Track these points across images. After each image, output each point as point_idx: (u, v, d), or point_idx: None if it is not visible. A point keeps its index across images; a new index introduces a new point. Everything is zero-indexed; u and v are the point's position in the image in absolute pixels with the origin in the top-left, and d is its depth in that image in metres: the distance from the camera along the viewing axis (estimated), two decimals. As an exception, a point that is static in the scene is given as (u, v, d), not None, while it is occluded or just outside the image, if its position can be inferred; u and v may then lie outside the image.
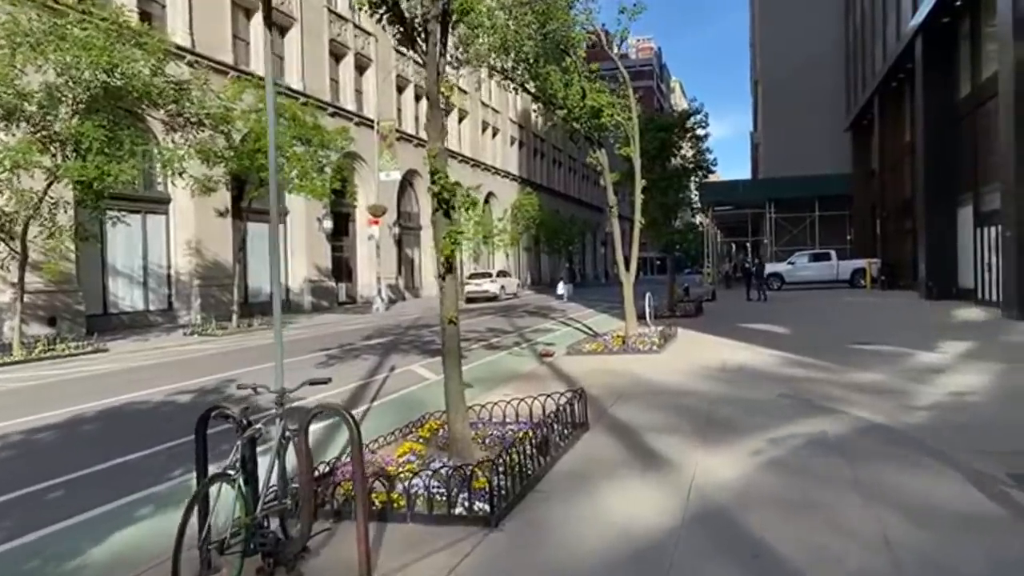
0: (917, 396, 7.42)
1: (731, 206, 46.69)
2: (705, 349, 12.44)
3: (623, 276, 13.41)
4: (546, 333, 17.31)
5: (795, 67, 44.95)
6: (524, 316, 23.20)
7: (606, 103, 12.40)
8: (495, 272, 35.56)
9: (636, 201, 13.38)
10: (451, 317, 5.74)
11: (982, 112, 19.68)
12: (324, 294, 30.97)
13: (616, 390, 8.64)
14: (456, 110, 45.16)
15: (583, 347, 12.92)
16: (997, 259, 18.18)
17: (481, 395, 8.76)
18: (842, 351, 11.34)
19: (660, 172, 20.19)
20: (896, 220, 30.45)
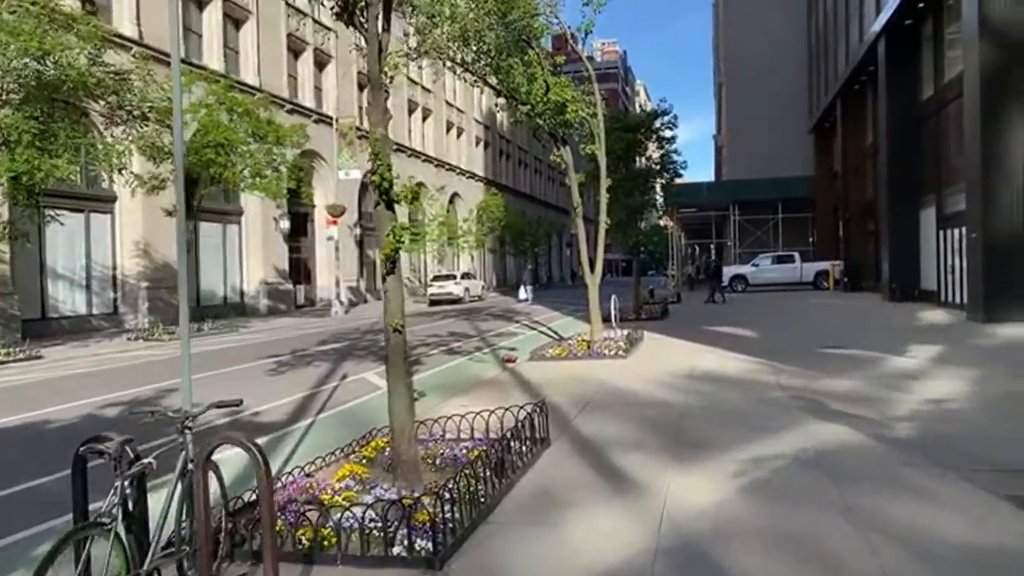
0: (896, 405, 7.02)
1: (695, 208, 46.74)
2: (672, 354, 12.00)
3: (588, 278, 12.91)
4: (510, 337, 16.75)
5: (758, 70, 45.21)
6: (488, 319, 22.61)
7: (570, 98, 11.88)
8: (459, 274, 34.87)
9: (601, 201, 12.89)
10: (396, 324, 5.13)
11: (944, 114, 19.69)
12: (281, 297, 29.97)
13: (581, 399, 8.10)
14: (420, 109, 44.41)
15: (547, 352, 12.38)
16: (960, 261, 18.16)
17: (437, 406, 8.15)
18: (812, 355, 10.99)
19: (625, 173, 19.82)
20: (858, 222, 30.61)
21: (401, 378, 5.17)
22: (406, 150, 41.60)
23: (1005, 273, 14.49)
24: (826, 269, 33.75)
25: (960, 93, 17.83)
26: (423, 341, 15.92)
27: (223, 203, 27.62)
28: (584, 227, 13.75)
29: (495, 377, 10.37)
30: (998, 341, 12.11)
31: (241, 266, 28.87)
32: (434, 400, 8.72)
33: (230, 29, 28.80)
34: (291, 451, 6.68)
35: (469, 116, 52.47)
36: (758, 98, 45.32)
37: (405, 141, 41.77)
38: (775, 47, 44.36)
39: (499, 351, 13.85)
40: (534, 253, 63.66)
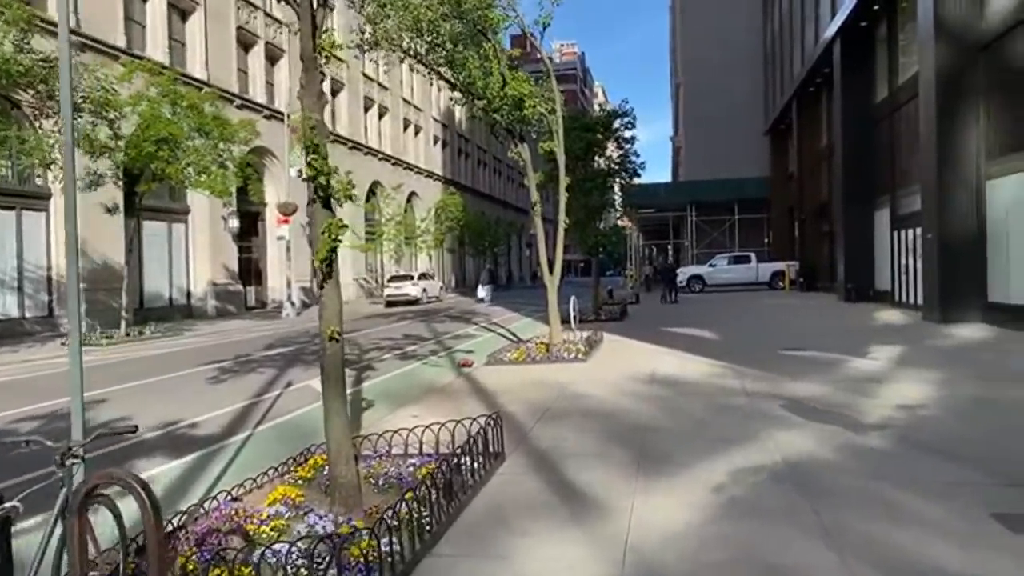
0: (866, 411, 6.76)
1: (653, 209, 46.87)
2: (632, 356, 11.68)
3: (547, 279, 12.51)
4: (467, 339, 16.26)
5: (715, 72, 45.57)
6: (445, 321, 22.08)
7: (528, 93, 11.46)
8: (416, 275, 34.21)
9: (560, 200, 12.50)
10: (332, 331, 4.62)
11: (899, 116, 19.88)
12: (230, 298, 28.92)
13: (538, 407, 7.67)
14: (376, 106, 43.55)
15: (505, 355, 11.94)
16: (915, 262, 18.31)
17: (385, 417, 7.64)
18: (774, 358, 10.78)
19: (585, 173, 19.52)
20: (813, 223, 30.94)
21: (338, 393, 4.66)
22: (362, 148, 40.75)
23: (960, 274, 14.57)
24: (782, 269, 34.05)
25: (914, 95, 17.97)
26: (376, 345, 15.33)
27: (168, 201, 26.52)
28: (544, 227, 13.38)
29: (450, 383, 9.88)
30: (956, 342, 12.09)
31: (188, 266, 27.75)
32: (383, 410, 8.20)
33: (175, 20, 27.67)
34: (222, 469, 6.10)
35: (427, 114, 51.76)
36: (715, 100, 45.67)
37: (361, 139, 40.93)
38: (732, 49, 44.75)
39: (455, 355, 13.37)
40: (494, 253, 63.20)
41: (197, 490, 5.50)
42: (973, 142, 14.53)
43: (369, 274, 41.77)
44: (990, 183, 14.27)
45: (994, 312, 14.03)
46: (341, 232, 4.54)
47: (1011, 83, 13.68)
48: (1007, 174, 13.72)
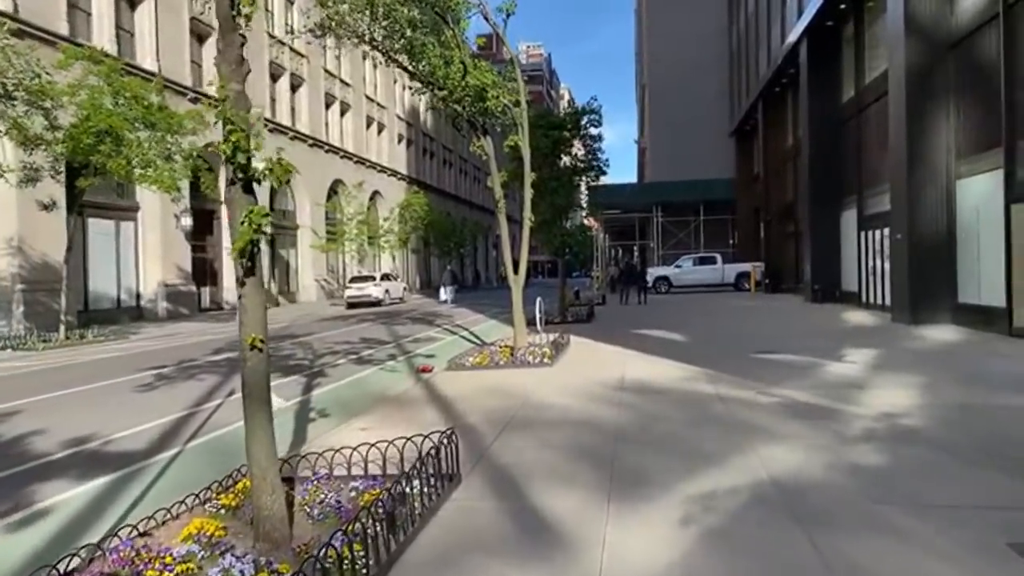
0: (850, 422, 6.30)
1: (619, 210, 46.65)
2: (600, 360, 11.14)
3: (512, 280, 11.92)
4: (428, 343, 15.58)
5: (681, 73, 45.53)
6: (407, 323, 21.34)
7: (491, 83, 10.86)
8: (379, 275, 33.33)
9: (525, 197, 11.93)
10: (254, 339, 3.95)
11: (866, 116, 19.75)
12: (183, 300, 27.74)
13: (500, 418, 7.06)
14: (338, 103, 42.51)
15: (467, 360, 11.29)
16: (882, 263, 18.17)
17: (332, 430, 6.96)
18: (747, 362, 10.34)
19: (551, 171, 18.99)
20: (779, 224, 30.91)
21: (261, 411, 3.99)
22: (323, 145, 39.72)
23: (929, 275, 14.37)
24: (747, 271, 34.02)
25: (882, 94, 17.82)
26: (331, 349, 14.56)
27: (116, 198, 25.32)
28: (510, 227, 12.79)
29: (406, 391, 9.21)
30: (929, 344, 11.81)
31: (137, 266, 26.54)
32: (330, 422, 7.51)
33: (124, 9, 26.44)
34: (139, 495, 5.37)
35: (391, 112, 50.83)
36: (681, 101, 45.63)
37: (322, 136, 39.88)
38: (697, 51, 44.75)
39: (415, 359, 12.70)
40: (460, 254, 62.43)
41: (103, 522, 4.76)
42: (943, 141, 14.34)
43: (331, 275, 40.73)
44: (960, 182, 14.09)
45: (964, 313, 13.84)
46: (263, 221, 3.88)
47: (981, 81, 13.51)
48: (976, 173, 13.54)
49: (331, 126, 41.89)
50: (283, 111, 36.29)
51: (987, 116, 13.32)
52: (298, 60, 37.67)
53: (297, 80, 37.77)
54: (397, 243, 43.17)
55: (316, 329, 19.73)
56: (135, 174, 17.54)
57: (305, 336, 17.68)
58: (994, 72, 12.86)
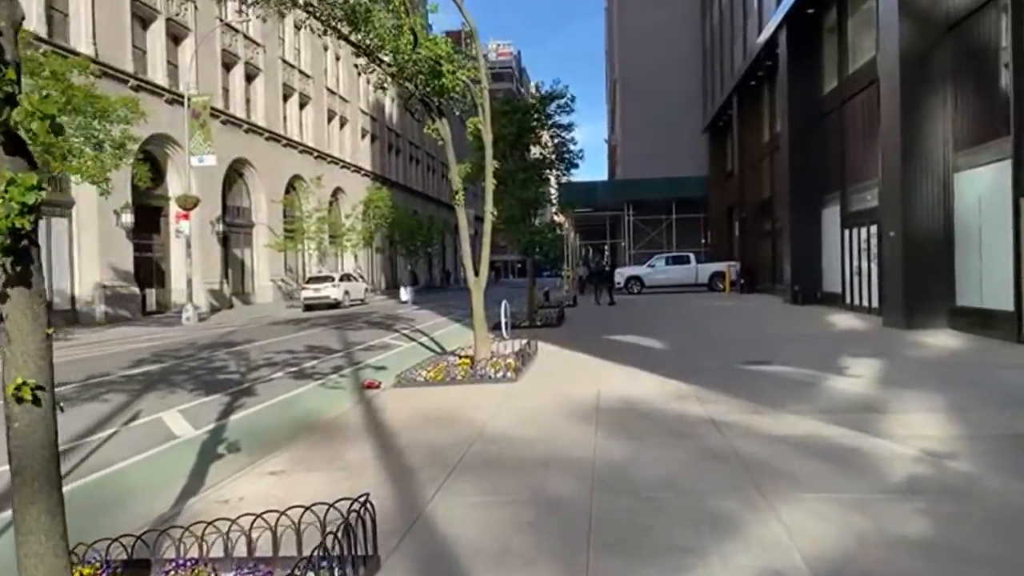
0: (883, 463, 5.02)
1: (590, 208, 45.52)
2: (572, 373, 9.80)
3: (471, 282, 10.52)
4: (383, 351, 14.11)
5: (653, 68, 44.55)
6: (364, 328, 19.80)
7: (445, 54, 9.43)
8: (337, 276, 31.64)
9: (487, 187, 10.53)
10: (24, 388, 2.49)
11: (849, 107, 18.73)
12: (123, 303, 25.79)
13: (447, 458, 5.66)
14: (297, 95, 40.62)
15: (420, 374, 9.86)
16: (868, 262, 17.14)
17: (237, 474, 5.50)
18: (737, 375, 9.08)
19: (519, 162, 17.65)
20: (754, 222, 29.95)
21: (40, 502, 2.53)
22: (280, 138, 37.83)
23: (925, 275, 13.30)
24: (722, 270, 33.05)
25: (869, 83, 16.80)
26: (270, 359, 13.00)
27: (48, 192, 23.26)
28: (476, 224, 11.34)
29: (341, 416, 7.75)
30: (934, 353, 10.68)
31: (72, 266, 24.56)
32: (238, 461, 6.05)
33: (57, -14, 24.42)
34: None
35: (354, 106, 49.01)
36: (652, 97, 44.65)
37: (280, 129, 37.99)
38: (669, 45, 43.81)
39: (364, 372, 11.24)
40: (427, 253, 60.73)
41: None
42: (939, 131, 13.29)
43: (290, 275, 38.84)
44: (958, 176, 13.04)
45: (962, 317, 12.79)
46: (30, 198, 2.42)
47: (982, 66, 12.46)
48: (977, 166, 12.49)
49: (290, 119, 40.01)
50: (237, 102, 34.36)
51: (989, 104, 12.28)
52: (253, 48, 35.76)
53: (252, 70, 35.85)
54: (360, 241, 41.47)
55: (262, 335, 18.09)
56: (55, 163, 15.73)
57: (246, 344, 16.07)
58: (999, 56, 11.81)
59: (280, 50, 38.77)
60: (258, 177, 35.57)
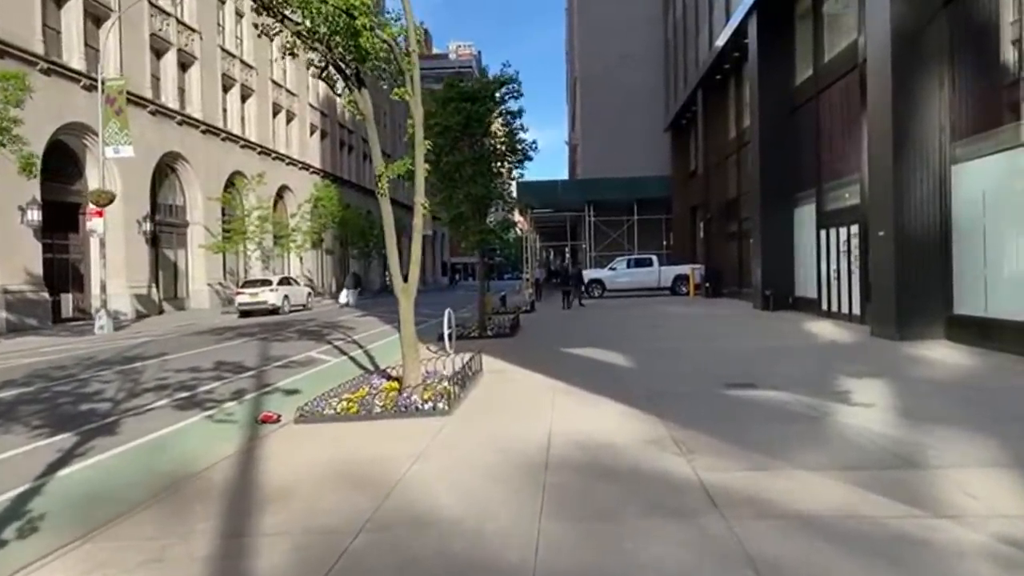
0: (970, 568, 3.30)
1: (550, 208, 43.89)
2: (519, 402, 7.98)
3: (398, 289, 8.63)
4: (303, 369, 12.11)
5: (613, 64, 43.16)
6: (294, 338, 17.69)
7: (360, 3, 7.52)
8: (276, 279, 29.29)
9: (417, 174, 8.66)
10: None
11: (826, 98, 17.35)
12: (31, 309, 23.13)
13: (331, 545, 3.78)
14: (238, 86, 38.07)
15: (330, 404, 7.91)
16: (848, 265, 15.75)
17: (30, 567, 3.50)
18: (720, 404, 7.38)
19: (469, 152, 15.79)
20: (720, 222, 28.60)
21: None
22: (219, 132, 35.27)
23: (920, 280, 11.85)
24: (686, 273, 31.69)
25: (850, 69, 15.45)
26: (164, 381, 10.89)
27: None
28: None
29: (210, 469, 5.79)
30: (946, 372, 9.14)
31: (-31, 269, 21.85)
32: (23, 553, 4.06)
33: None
34: None
35: (303, 101, 46.53)
36: (613, 94, 43.24)
37: (218, 122, 35.43)
38: (630, 40, 42.49)
39: (271, 398, 9.26)
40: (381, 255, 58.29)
41: None
42: (935, 119, 11.85)
43: (231, 278, 36.26)
44: (956, 168, 11.61)
45: (962, 328, 11.35)
46: None
47: (983, 45, 11.07)
48: (978, 156, 11.08)
49: (231, 112, 37.45)
50: (169, 91, 31.73)
51: (993, 87, 10.88)
52: (187, 35, 33.18)
53: (187, 58, 33.26)
54: (305, 242, 39.09)
55: (176, 348, 15.88)
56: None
57: (151, 359, 13.88)
58: (1004, 31, 10.40)
59: (219, 38, 36.23)
60: (193, 173, 32.98)
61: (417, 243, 8.72)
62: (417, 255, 8.72)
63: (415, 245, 8.68)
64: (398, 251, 9.01)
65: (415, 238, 8.68)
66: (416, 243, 8.70)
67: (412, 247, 8.67)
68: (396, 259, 8.74)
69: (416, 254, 8.70)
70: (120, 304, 27.32)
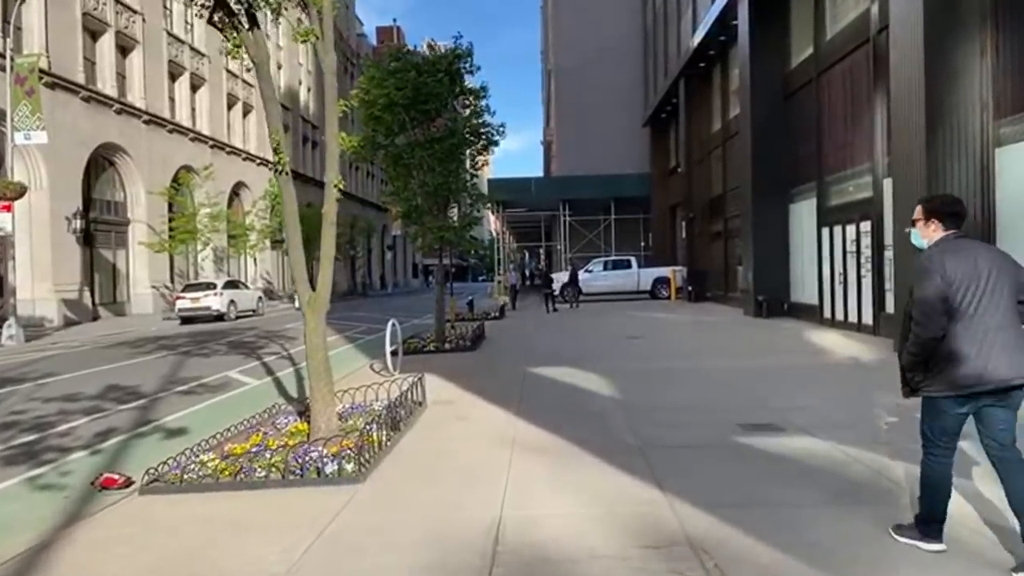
0: None
1: (524, 208, 41.76)
2: (462, 463, 5.78)
3: (303, 302, 6.44)
4: (210, 395, 9.81)
5: (590, 57, 41.11)
6: (220, 352, 15.30)
7: None
8: (221, 283, 26.71)
9: (328, 142, 6.46)
10: None
11: (829, 79, 15.43)
12: (-68, 317, 20.39)
13: None
14: (188, 75, 35.39)
15: (202, 462, 5.66)
16: (857, 268, 13.81)
17: None
18: (744, 465, 5.28)
19: (421, 135, 13.59)
20: (703, 222, 26.68)
21: None
22: (165, 123, 32.57)
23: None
24: (666, 276, 29.72)
25: (859, 44, 13.52)
26: (18, 415, 8.51)
27: None
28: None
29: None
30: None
31: None
32: None
33: None
34: None
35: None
36: (589, 88, 41.15)
37: (164, 112, 32.73)
38: (607, 31, 40.50)
39: (140, 443, 6.98)
40: (350, 257, 55.72)
41: None
42: (976, 93, 9.90)
43: (180, 281, 33.50)
44: (1001, 151, 9.68)
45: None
46: None
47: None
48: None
49: (179, 103, 34.74)
50: (107, 77, 28.99)
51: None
52: (128, 16, 30.47)
53: (128, 41, 30.54)
54: (259, 242, 36.50)
55: (74, 365, 13.45)
56: None
57: (28, 381, 11.46)
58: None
59: (165, 22, 33.53)
60: (135, 166, 30.27)
61: (329, 237, 6.50)
62: (329, 251, 6.51)
63: (325, 242, 6.46)
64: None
65: (325, 230, 6.46)
66: (327, 237, 6.49)
67: (323, 243, 6.45)
68: (301, 260, 6.53)
69: (328, 250, 6.48)
70: (46, 310, 24.65)
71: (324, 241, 6.45)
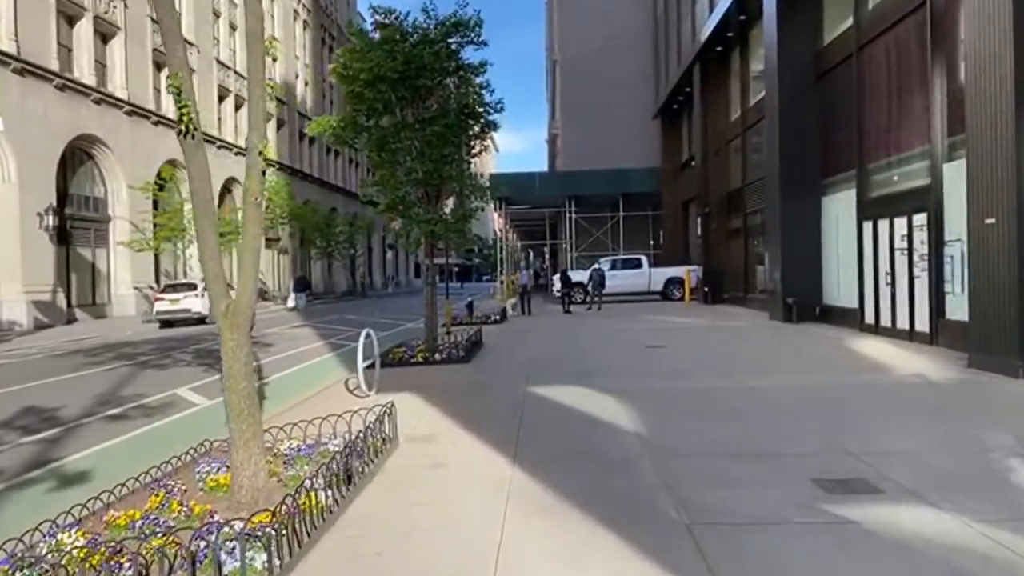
0: None
1: (527, 205, 39.99)
2: (427, 543, 4.04)
3: (217, 314, 4.70)
4: (147, 420, 8.11)
5: (596, 47, 39.38)
6: (182, 363, 13.58)
7: None
8: (202, 284, 25.04)
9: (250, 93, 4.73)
10: None
11: (869, 54, 13.62)
12: None
13: None
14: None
15: (59, 545, 3.93)
16: (909, 267, 12.01)
17: None
18: (845, 556, 3.51)
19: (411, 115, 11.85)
20: (720, 218, 24.85)
21: None
22: (149, 115, 30.91)
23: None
24: (680, 276, 27.94)
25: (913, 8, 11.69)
26: None
27: None
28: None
29: None
30: None
31: None
32: None
33: None
34: None
35: (255, 85, 42.11)
36: (595, 79, 39.37)
37: (148, 103, 31.06)
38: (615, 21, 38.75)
39: (18, 496, 5.28)
40: (349, 256, 54.09)
41: None
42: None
43: (166, 281, 31.88)
44: (1112, 125, 7.88)
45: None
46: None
47: None
48: None
49: (165, 93, 33.06)
50: (84, 65, 27.34)
51: None
52: (108, 1, 28.82)
53: (108, 27, 28.88)
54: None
55: (13, 377, 11.76)
56: None
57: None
58: None
59: (149, 8, 31.83)
60: (115, 159, 28.61)
61: (254, 223, 4.76)
62: (252, 244, 4.77)
63: (247, 234, 4.72)
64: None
65: (248, 213, 4.72)
66: (251, 222, 4.74)
67: (244, 234, 4.72)
68: (215, 253, 4.77)
69: (250, 244, 4.75)
70: (14, 313, 23.00)
71: (246, 229, 4.71)
